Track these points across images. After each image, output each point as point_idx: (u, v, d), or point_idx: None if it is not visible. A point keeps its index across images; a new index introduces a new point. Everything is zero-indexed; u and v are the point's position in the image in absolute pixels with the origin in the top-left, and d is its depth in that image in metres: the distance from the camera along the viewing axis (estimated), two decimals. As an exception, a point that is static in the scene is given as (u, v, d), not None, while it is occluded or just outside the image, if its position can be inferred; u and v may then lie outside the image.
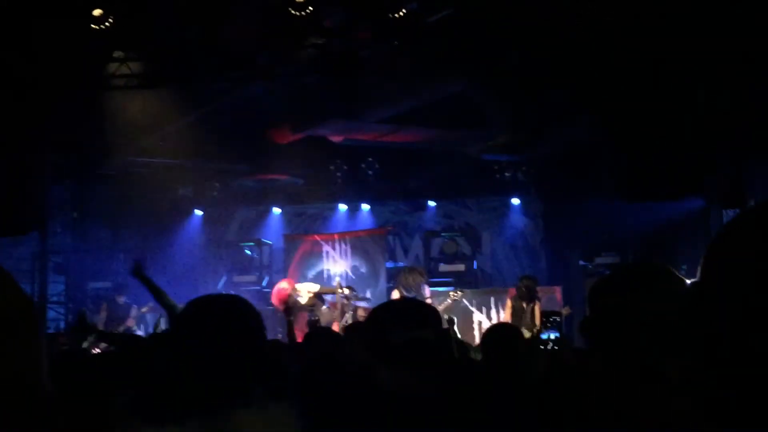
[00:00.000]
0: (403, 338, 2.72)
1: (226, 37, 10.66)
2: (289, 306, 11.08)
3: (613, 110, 10.87)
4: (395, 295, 12.68)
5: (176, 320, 2.68)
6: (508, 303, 13.23)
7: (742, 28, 8.95)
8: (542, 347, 7.00)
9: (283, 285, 12.78)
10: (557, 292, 14.63)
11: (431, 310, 2.96)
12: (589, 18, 9.62)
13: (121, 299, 15.06)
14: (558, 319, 9.10)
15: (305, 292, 13.58)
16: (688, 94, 10.27)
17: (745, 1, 9.11)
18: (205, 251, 17.96)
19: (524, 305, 12.81)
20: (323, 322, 13.94)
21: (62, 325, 16.49)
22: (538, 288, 13.11)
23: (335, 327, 13.60)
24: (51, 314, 16.55)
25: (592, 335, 2.47)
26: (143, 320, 15.35)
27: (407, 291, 12.37)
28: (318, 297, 13.75)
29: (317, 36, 11.02)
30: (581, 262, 15.02)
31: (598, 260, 14.86)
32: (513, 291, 13.41)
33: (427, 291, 12.93)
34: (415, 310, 2.91)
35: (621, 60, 9.95)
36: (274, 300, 12.33)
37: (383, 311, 2.98)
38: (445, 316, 9.50)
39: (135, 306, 14.88)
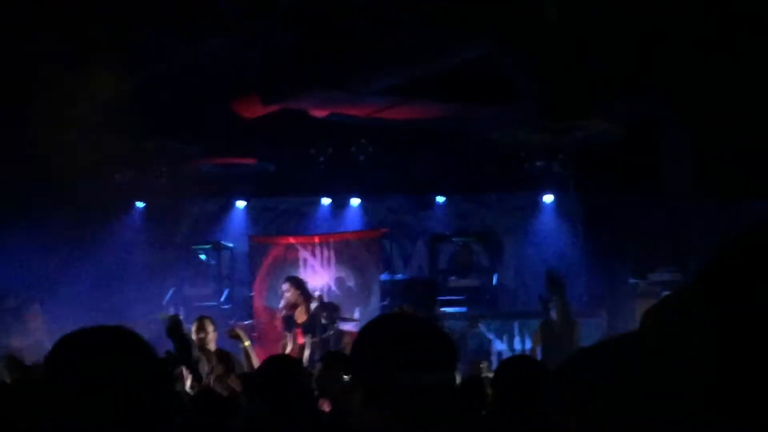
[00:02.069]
0: (419, 382, 2.50)
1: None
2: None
3: (682, 80, 10.67)
4: None
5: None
6: (538, 329, 13.22)
7: None
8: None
9: None
10: (600, 318, 14.52)
11: (451, 341, 2.72)
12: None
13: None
14: None
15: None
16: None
17: None
18: (148, 256, 17.78)
19: (558, 325, 12.80)
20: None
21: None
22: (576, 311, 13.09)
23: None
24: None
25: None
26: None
27: None
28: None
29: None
30: (631, 279, 14.91)
31: (653, 277, 14.78)
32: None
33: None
34: (433, 338, 2.66)
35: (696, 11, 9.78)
36: None
37: (383, 333, 2.70)
38: None
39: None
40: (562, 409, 1.67)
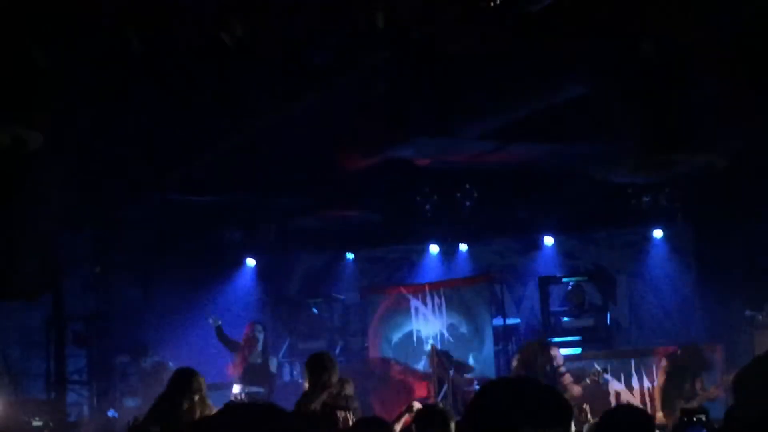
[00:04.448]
0: None
1: (277, 35, 10.61)
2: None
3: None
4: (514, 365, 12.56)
5: None
6: (664, 364, 13.05)
7: None
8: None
9: None
10: (717, 352, 14.25)
11: (565, 401, 2.85)
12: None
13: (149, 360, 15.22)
14: (704, 419, 8.80)
15: None
16: None
17: None
18: (261, 311, 17.94)
19: (687, 373, 12.67)
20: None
21: (86, 410, 16.58)
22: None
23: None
24: (71, 397, 16.64)
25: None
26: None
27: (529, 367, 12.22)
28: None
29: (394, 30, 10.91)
30: (747, 312, 14.61)
31: (771, 308, 14.46)
32: (664, 350, 13.33)
33: (559, 357, 12.70)
34: (546, 399, 2.77)
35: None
36: None
37: (502, 395, 2.82)
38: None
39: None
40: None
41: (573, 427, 8.47)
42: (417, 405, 11.23)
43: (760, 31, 10.05)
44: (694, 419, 8.90)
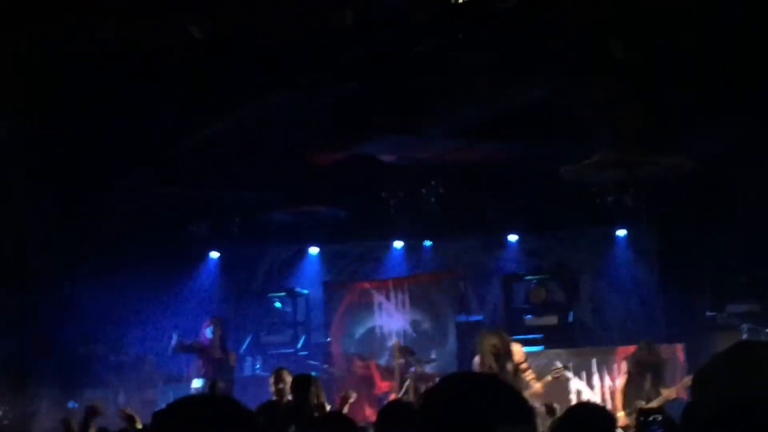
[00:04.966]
0: None
1: (247, 33, 10.63)
2: None
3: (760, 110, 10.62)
4: (476, 362, 12.45)
5: None
6: (624, 367, 13.05)
7: None
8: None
9: None
10: (679, 351, 14.36)
11: (522, 397, 2.79)
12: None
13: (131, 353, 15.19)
14: (660, 418, 8.88)
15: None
16: None
17: None
18: (224, 304, 17.90)
19: (647, 373, 12.68)
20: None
21: (46, 400, 16.48)
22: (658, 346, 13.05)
23: (392, 398, 13.50)
24: (32, 387, 16.54)
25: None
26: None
27: (495, 359, 12.14)
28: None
29: (363, 29, 10.93)
30: (709, 312, 14.72)
31: (731, 308, 14.56)
32: (624, 350, 13.34)
33: (519, 352, 12.63)
34: (515, 396, 2.73)
35: None
36: None
37: (468, 390, 2.72)
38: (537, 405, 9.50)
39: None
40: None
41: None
42: (352, 395, 11.28)
43: (736, 36, 10.15)
44: (650, 419, 9.01)
